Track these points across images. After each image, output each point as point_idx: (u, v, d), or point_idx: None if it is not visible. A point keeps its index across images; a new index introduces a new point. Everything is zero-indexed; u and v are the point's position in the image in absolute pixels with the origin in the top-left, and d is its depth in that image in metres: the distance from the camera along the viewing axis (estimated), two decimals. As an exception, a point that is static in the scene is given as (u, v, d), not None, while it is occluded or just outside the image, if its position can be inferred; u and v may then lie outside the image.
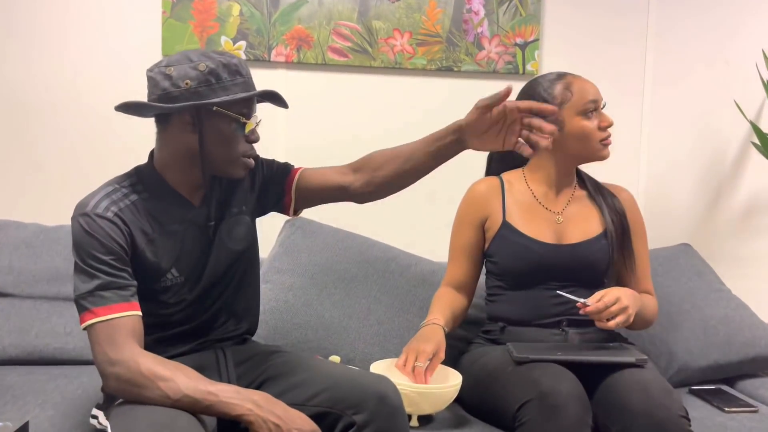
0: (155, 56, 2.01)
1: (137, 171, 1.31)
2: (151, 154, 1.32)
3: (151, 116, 1.29)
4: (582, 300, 1.42)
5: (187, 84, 1.21)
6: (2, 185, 1.98)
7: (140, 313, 1.19)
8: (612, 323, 1.39)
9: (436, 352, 1.43)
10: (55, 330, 1.69)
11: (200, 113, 1.24)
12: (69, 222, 1.89)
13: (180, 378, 1.11)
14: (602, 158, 1.57)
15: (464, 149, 1.32)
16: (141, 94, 2.03)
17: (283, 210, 1.45)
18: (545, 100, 1.57)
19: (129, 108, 1.23)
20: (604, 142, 1.56)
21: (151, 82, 1.24)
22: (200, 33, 2.03)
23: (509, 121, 1.27)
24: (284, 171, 1.43)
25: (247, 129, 1.27)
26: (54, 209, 1.97)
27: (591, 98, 1.54)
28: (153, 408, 1.11)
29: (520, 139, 1.28)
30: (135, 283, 1.21)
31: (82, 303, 1.16)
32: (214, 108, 1.23)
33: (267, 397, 1.14)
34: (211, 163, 1.27)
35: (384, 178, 1.36)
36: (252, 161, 1.30)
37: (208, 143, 1.25)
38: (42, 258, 1.77)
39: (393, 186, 1.37)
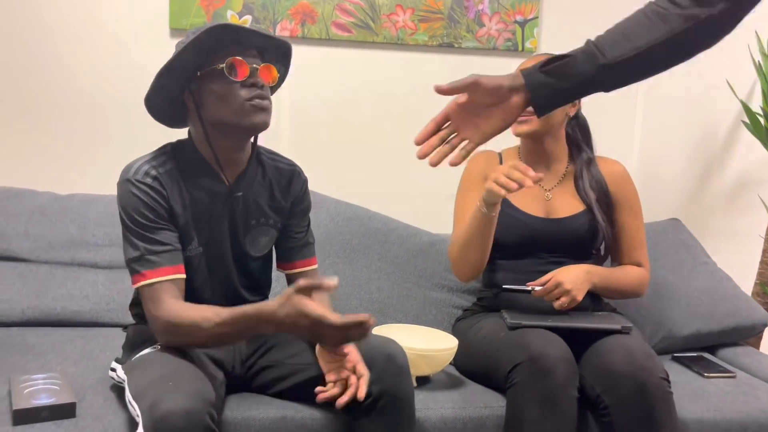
0: (163, 29, 2.05)
1: (179, 141, 1.36)
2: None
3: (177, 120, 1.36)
4: (530, 287, 1.53)
5: None
6: (17, 155, 2.04)
7: (183, 275, 1.26)
8: (557, 304, 1.51)
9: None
10: (71, 294, 1.77)
11: (191, 86, 1.28)
12: (80, 191, 1.97)
13: (210, 315, 1.19)
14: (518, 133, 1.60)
15: None
16: (149, 67, 2.07)
17: (277, 262, 1.48)
18: None
19: (150, 111, 1.33)
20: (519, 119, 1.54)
21: None
22: (207, 6, 2.07)
23: None
24: (306, 249, 1.46)
25: (234, 72, 1.24)
26: (66, 178, 2.03)
27: None
28: (162, 362, 1.19)
29: None
30: (179, 246, 1.27)
31: (133, 266, 1.24)
32: (198, 73, 1.25)
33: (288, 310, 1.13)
34: (224, 126, 1.28)
35: None
36: (264, 102, 1.27)
37: (210, 110, 1.27)
38: (56, 225, 1.84)
39: None
